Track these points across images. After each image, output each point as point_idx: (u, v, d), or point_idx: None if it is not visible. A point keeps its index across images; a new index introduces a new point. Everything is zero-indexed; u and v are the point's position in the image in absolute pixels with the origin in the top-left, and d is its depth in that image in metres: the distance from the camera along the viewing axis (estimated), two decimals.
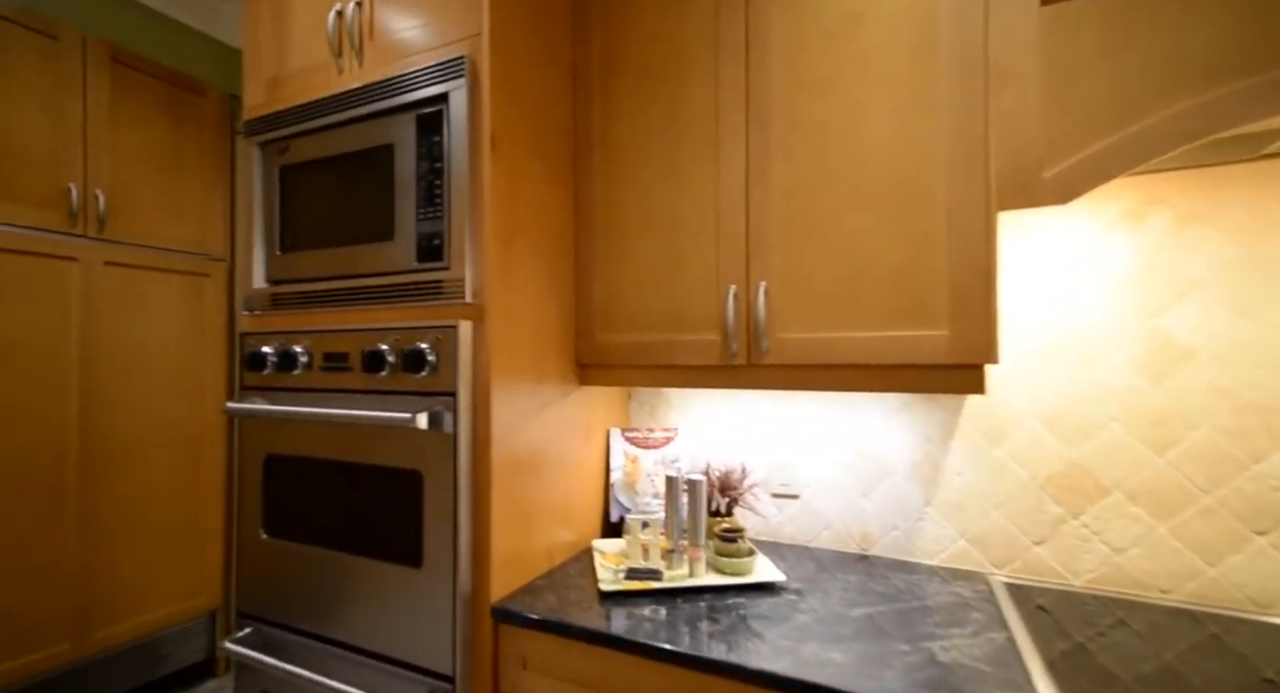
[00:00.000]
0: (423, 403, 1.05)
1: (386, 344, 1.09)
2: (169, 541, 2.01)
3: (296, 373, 1.20)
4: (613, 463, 1.40)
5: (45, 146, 1.73)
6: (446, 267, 1.07)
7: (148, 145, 1.97)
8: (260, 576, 1.25)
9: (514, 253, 1.10)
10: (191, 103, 2.10)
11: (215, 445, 2.16)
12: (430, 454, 1.04)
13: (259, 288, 1.32)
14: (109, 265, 1.86)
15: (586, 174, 1.28)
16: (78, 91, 1.79)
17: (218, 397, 2.17)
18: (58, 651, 1.73)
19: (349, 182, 1.19)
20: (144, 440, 1.94)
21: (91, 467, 1.81)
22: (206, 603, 2.12)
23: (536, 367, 1.16)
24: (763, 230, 1.09)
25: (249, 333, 1.29)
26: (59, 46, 1.75)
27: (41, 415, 1.70)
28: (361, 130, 1.17)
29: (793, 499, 1.35)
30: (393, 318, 1.13)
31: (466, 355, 1.03)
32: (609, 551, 1.24)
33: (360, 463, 1.12)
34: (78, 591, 1.77)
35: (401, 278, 1.11)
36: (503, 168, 1.07)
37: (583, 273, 1.28)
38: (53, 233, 1.74)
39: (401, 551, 1.06)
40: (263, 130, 1.29)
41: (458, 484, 1.01)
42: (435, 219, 1.08)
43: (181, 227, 2.07)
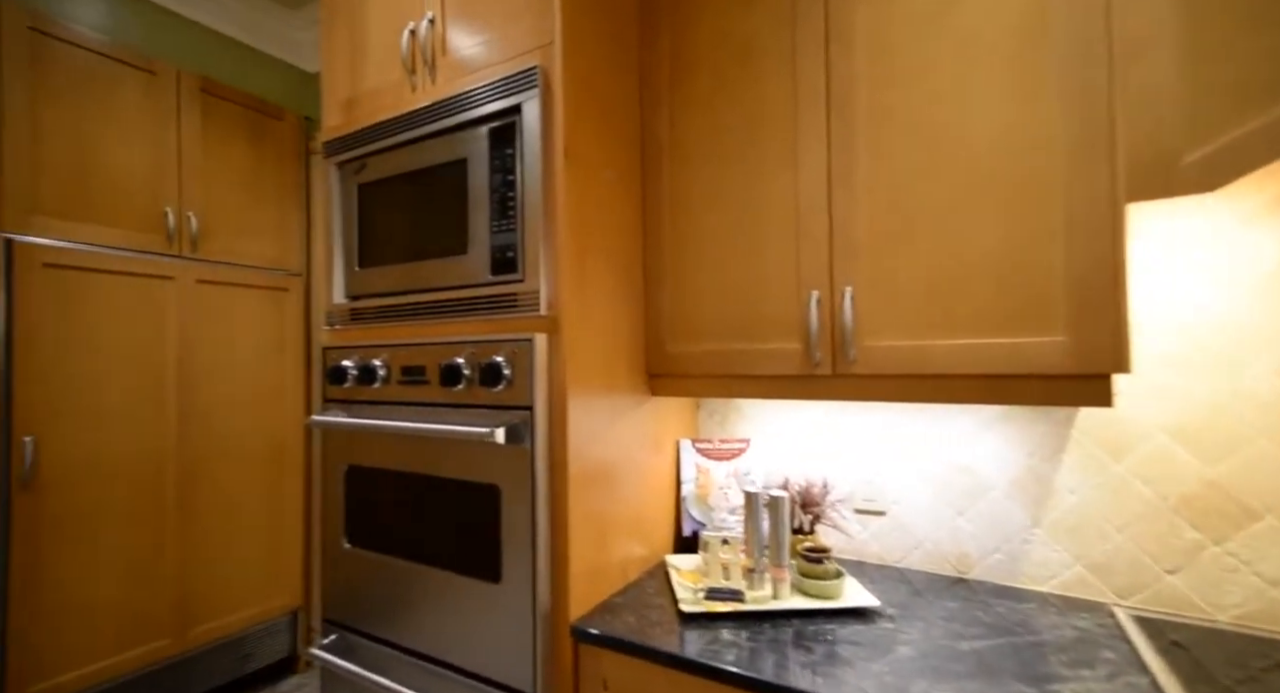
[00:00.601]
0: (499, 417, 1.04)
1: (463, 357, 1.10)
2: (254, 543, 2.12)
3: (376, 386, 1.23)
4: (684, 475, 1.36)
5: (146, 174, 1.86)
6: (520, 279, 1.06)
7: (232, 168, 2.09)
8: (343, 583, 1.28)
9: (587, 264, 1.08)
10: (270, 126, 2.21)
11: (295, 453, 2.26)
12: (507, 469, 1.03)
13: (339, 303, 1.36)
14: (201, 283, 1.98)
15: (655, 180, 1.25)
16: (173, 121, 1.92)
17: (296, 406, 2.27)
18: (160, 645, 1.84)
19: (424, 197, 1.21)
20: (231, 448, 2.06)
21: (187, 472, 1.92)
22: (288, 603, 2.23)
23: (609, 378, 1.13)
24: (847, 232, 1.03)
25: (330, 347, 1.33)
26: (156, 80, 1.88)
27: (146, 424, 1.82)
28: (435, 146, 1.18)
29: (878, 516, 1.27)
30: (468, 331, 1.14)
31: (542, 368, 1.02)
32: (684, 567, 1.20)
33: (438, 476, 1.13)
34: (177, 589, 1.89)
35: (475, 291, 1.11)
36: (575, 178, 1.05)
37: (652, 282, 1.25)
38: (153, 254, 1.86)
39: (480, 565, 1.06)
40: (340, 150, 1.33)
41: (535, 499, 1.00)
42: (508, 231, 1.08)
43: (262, 244, 2.19)
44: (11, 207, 1.58)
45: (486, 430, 0.99)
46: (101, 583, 1.72)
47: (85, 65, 1.73)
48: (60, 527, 1.64)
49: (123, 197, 1.80)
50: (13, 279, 1.57)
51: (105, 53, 1.77)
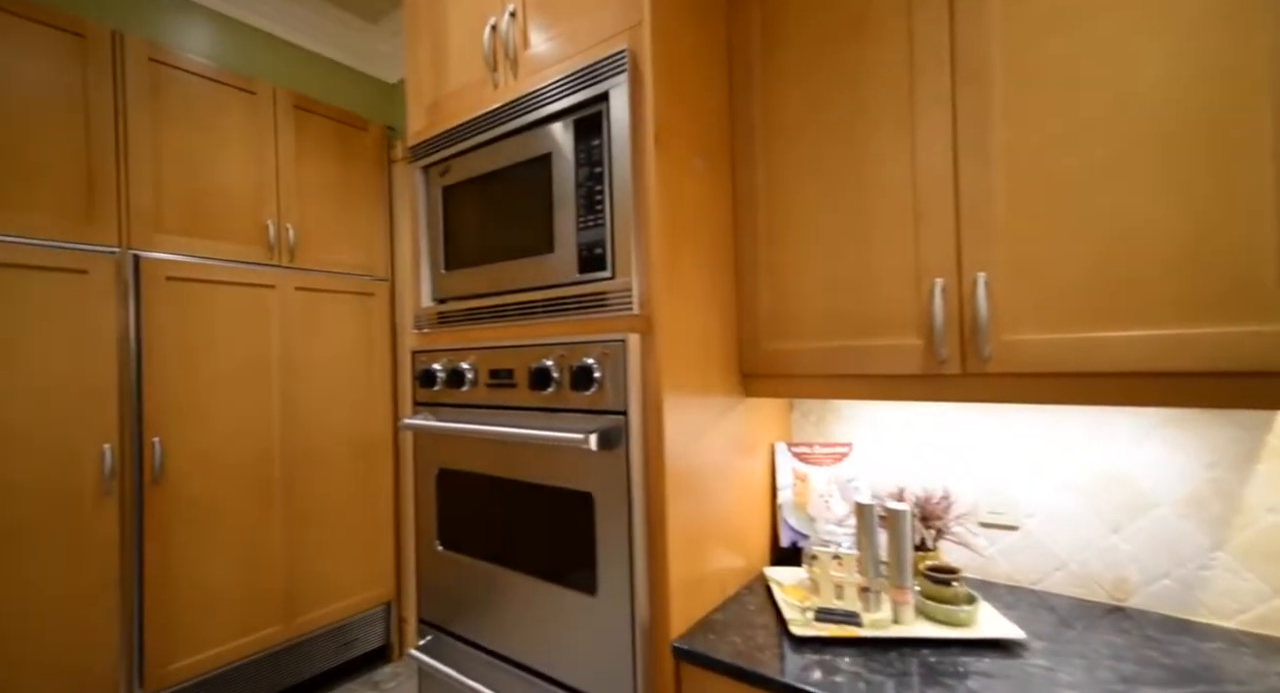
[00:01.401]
0: (591, 422, 1.00)
1: (551, 360, 1.06)
2: (350, 537, 2.22)
3: (464, 389, 1.22)
4: (779, 482, 1.27)
5: (249, 189, 1.97)
6: (610, 276, 1.01)
7: (323, 179, 2.19)
8: (437, 586, 1.29)
9: (680, 258, 1.01)
10: (356, 138, 2.30)
11: (384, 452, 2.35)
12: (601, 476, 0.98)
13: (426, 306, 1.37)
14: (298, 290, 2.09)
15: (746, 164, 1.16)
16: (270, 138, 2.03)
17: (384, 406, 2.36)
18: (272, 631, 1.96)
19: (507, 196, 1.18)
20: (329, 447, 2.16)
21: (290, 469, 2.04)
22: (382, 595, 2.32)
23: (703, 379, 1.06)
24: (979, 209, 0.90)
25: (419, 350, 1.34)
26: (256, 100, 1.99)
27: (254, 424, 1.94)
28: (517, 143, 1.15)
29: (1008, 531, 1.12)
30: (556, 332, 1.10)
31: (635, 370, 0.96)
32: (786, 582, 1.11)
33: (528, 482, 1.10)
34: (285, 579, 2.01)
35: (563, 291, 1.07)
36: (667, 166, 0.98)
37: (745, 275, 1.17)
38: (256, 265, 1.98)
39: (575, 576, 1.02)
40: (425, 154, 1.33)
41: (632, 509, 0.95)
42: (596, 227, 1.03)
43: (351, 251, 2.28)
44: (139, 226, 1.71)
45: (579, 437, 0.94)
46: (221, 572, 1.85)
47: (196, 90, 1.85)
48: (184, 521, 1.77)
49: (230, 212, 1.92)
50: (141, 293, 1.70)
51: (213, 77, 1.89)
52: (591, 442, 0.93)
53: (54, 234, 1.56)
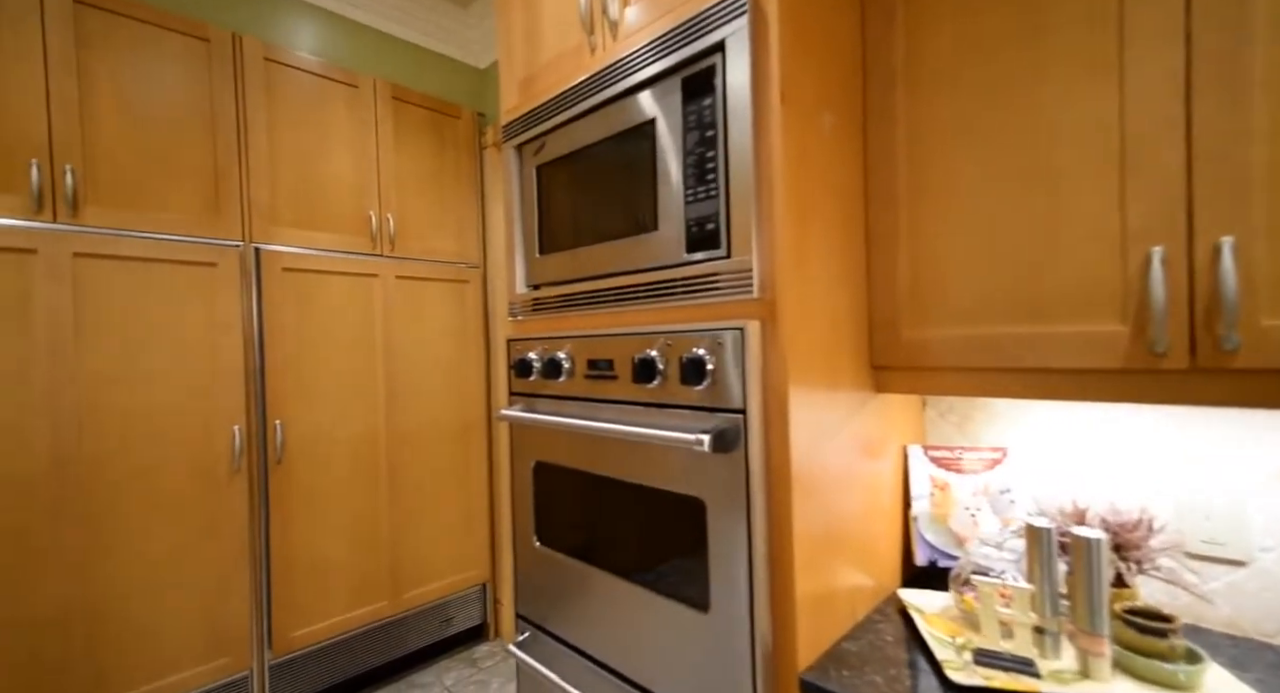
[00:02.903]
0: (704, 420, 0.89)
1: (656, 350, 0.96)
2: (448, 518, 2.29)
3: (561, 380, 1.15)
4: (914, 490, 1.10)
5: (352, 181, 2.03)
6: (724, 254, 0.89)
7: (420, 169, 2.23)
8: (535, 582, 1.25)
9: (807, 232, 0.87)
10: (449, 125, 2.31)
11: (479, 437, 2.39)
12: (714, 480, 0.87)
13: (520, 293, 1.31)
14: (399, 279, 2.14)
15: (883, 119, 0.98)
16: (371, 129, 2.08)
17: (479, 393, 2.40)
18: (380, 606, 2.06)
19: (606, 171, 1.09)
20: (427, 431, 2.22)
21: (394, 451, 2.11)
22: (478, 576, 2.38)
23: (830, 373, 0.92)
24: (1225, 155, 0.68)
25: (515, 339, 1.30)
26: (358, 93, 2.05)
27: (363, 409, 2.03)
28: (617, 111, 1.05)
29: (1232, 566, 0.89)
30: (660, 319, 1.00)
31: (755, 363, 0.83)
32: (928, 610, 0.95)
33: (631, 482, 1.02)
34: (391, 556, 2.09)
35: (669, 273, 0.96)
36: (793, 125, 0.84)
37: (879, 249, 1.00)
38: (361, 255, 2.04)
39: (683, 588, 0.93)
40: (519, 131, 1.27)
41: (751, 519, 0.83)
42: (708, 199, 0.90)
43: (445, 239, 2.31)
44: (259, 220, 1.81)
45: (690, 437, 0.84)
46: (334, 548, 1.95)
47: (305, 86, 1.92)
48: (302, 498, 1.88)
49: (337, 204, 1.99)
50: (262, 284, 1.80)
51: (319, 73, 1.95)
52: (705, 443, 0.83)
53: (188, 230, 1.67)
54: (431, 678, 2.16)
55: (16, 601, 1.40)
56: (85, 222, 1.51)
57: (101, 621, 1.51)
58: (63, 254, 1.47)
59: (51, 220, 1.46)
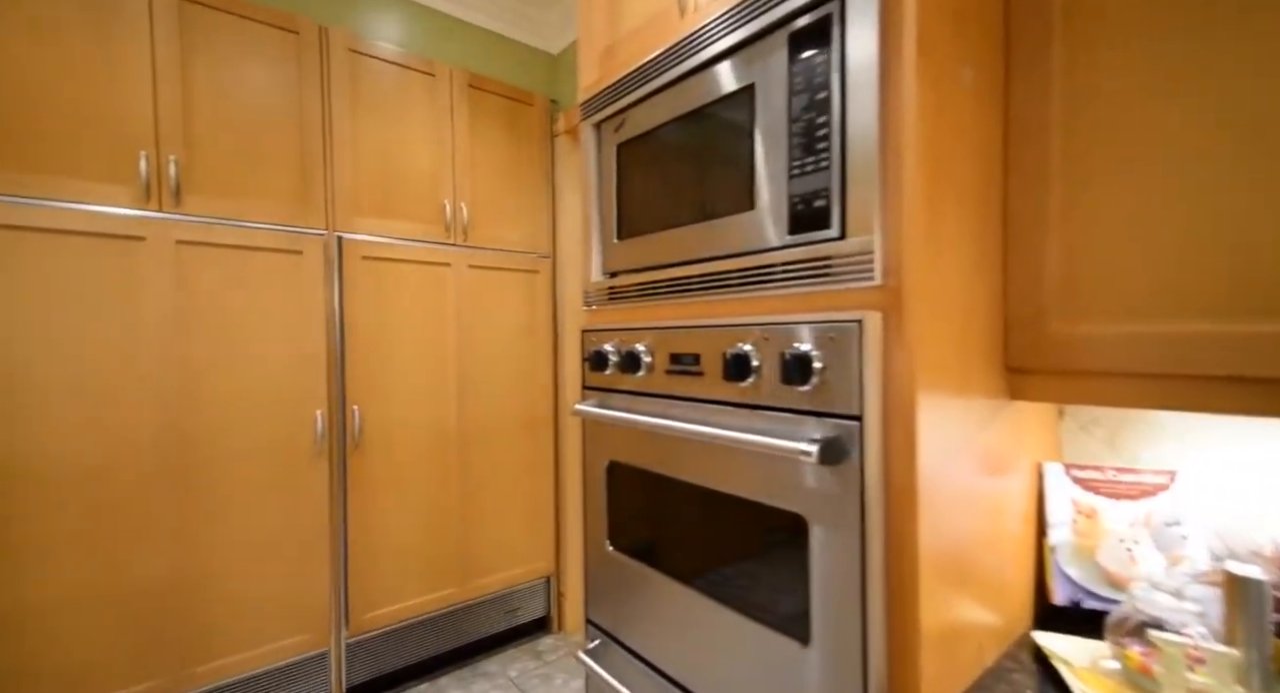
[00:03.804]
0: (809, 426, 0.77)
1: (751, 344, 0.85)
2: (515, 510, 2.28)
3: (640, 375, 1.07)
4: (1052, 515, 0.93)
5: (429, 170, 2.04)
6: (837, 236, 0.77)
7: (493, 157, 2.21)
8: (607, 587, 1.18)
9: (942, 208, 0.73)
10: (522, 112, 2.28)
11: (546, 430, 2.37)
12: (820, 495, 0.76)
13: (596, 281, 1.24)
14: (471, 268, 2.14)
15: (1034, 74, 0.82)
16: (448, 119, 2.08)
17: (547, 385, 2.37)
18: (449, 592, 2.08)
19: (694, 146, 0.99)
20: (497, 421, 2.22)
21: (464, 440, 2.12)
22: (543, 568, 2.37)
23: (962, 375, 0.78)
24: None
25: (590, 329, 1.23)
26: (435, 82, 2.05)
27: (435, 398, 2.04)
28: (709, 78, 0.95)
29: None
30: (756, 310, 0.89)
31: (875, 361, 0.71)
32: (1076, 661, 0.80)
33: (717, 492, 0.92)
34: (460, 544, 2.11)
35: (766, 257, 0.85)
36: (929, 81, 0.70)
37: (1020, 231, 0.84)
38: (435, 244, 2.05)
39: (777, 614, 0.82)
40: (600, 107, 1.19)
41: (866, 541, 0.71)
42: (818, 172, 0.78)
43: (517, 228, 2.29)
44: (341, 209, 1.84)
45: (796, 446, 0.73)
46: (407, 534, 1.98)
47: (386, 77, 1.94)
48: (378, 484, 1.91)
49: (413, 193, 2.01)
50: (344, 272, 1.84)
51: (399, 62, 1.96)
52: (812, 453, 0.71)
53: (277, 219, 1.72)
54: (497, 668, 2.17)
55: (129, 567, 1.49)
56: (186, 210, 1.58)
57: (200, 590, 1.59)
58: (167, 241, 1.55)
59: (158, 209, 1.54)
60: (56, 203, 1.41)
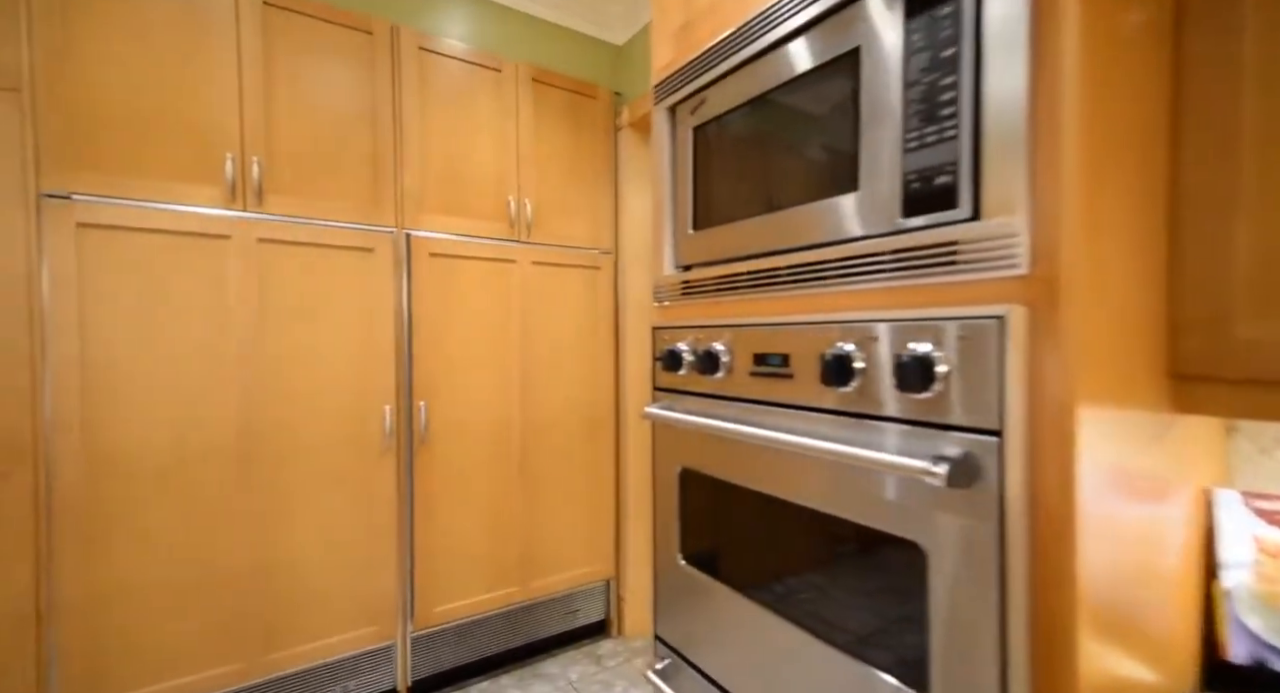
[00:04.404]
0: (929, 440, 0.66)
1: (853, 343, 0.75)
2: (576, 511, 2.24)
3: (718, 376, 0.98)
4: (1225, 553, 0.78)
5: (493, 167, 2.03)
6: (968, 216, 0.65)
7: (556, 152, 2.18)
8: (678, 604, 1.10)
9: (1103, 184, 0.61)
10: (586, 106, 2.24)
11: (608, 430, 2.32)
12: (944, 522, 0.65)
13: (668, 274, 1.16)
14: (535, 265, 2.11)
15: (1220, 11, 0.67)
16: (512, 114, 2.06)
17: (608, 385, 2.32)
18: (510, 592, 2.07)
19: (783, 124, 0.89)
20: (558, 421, 2.19)
21: (528, 440, 2.10)
22: (602, 571, 2.32)
23: (1126, 383, 0.64)
24: None
25: (661, 327, 1.15)
26: (501, 77, 2.03)
27: (499, 395, 2.03)
28: (803, 45, 0.85)
29: None
30: (858, 305, 0.78)
31: (1020, 365, 0.59)
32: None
33: (809, 509, 0.82)
34: (522, 544, 2.09)
35: (873, 244, 0.74)
36: (1089, 27, 0.58)
37: (1199, 210, 0.69)
38: (500, 240, 2.04)
39: (884, 654, 0.71)
40: (675, 88, 1.11)
41: (1007, 580, 0.60)
42: (942, 143, 0.67)
43: (579, 224, 2.25)
44: (410, 207, 1.86)
45: (918, 464, 0.62)
46: (471, 532, 1.98)
47: (453, 74, 1.94)
48: (443, 480, 1.92)
49: (479, 189, 2.00)
50: (412, 269, 1.85)
51: (466, 59, 1.96)
52: (939, 474, 0.60)
53: (350, 216, 1.75)
54: (557, 670, 2.14)
55: (214, 554, 1.55)
56: (267, 210, 1.63)
57: (276, 579, 1.64)
58: (249, 240, 1.60)
59: (242, 208, 1.59)
60: (152, 204, 1.48)
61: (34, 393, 1.36)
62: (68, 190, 1.39)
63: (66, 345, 1.38)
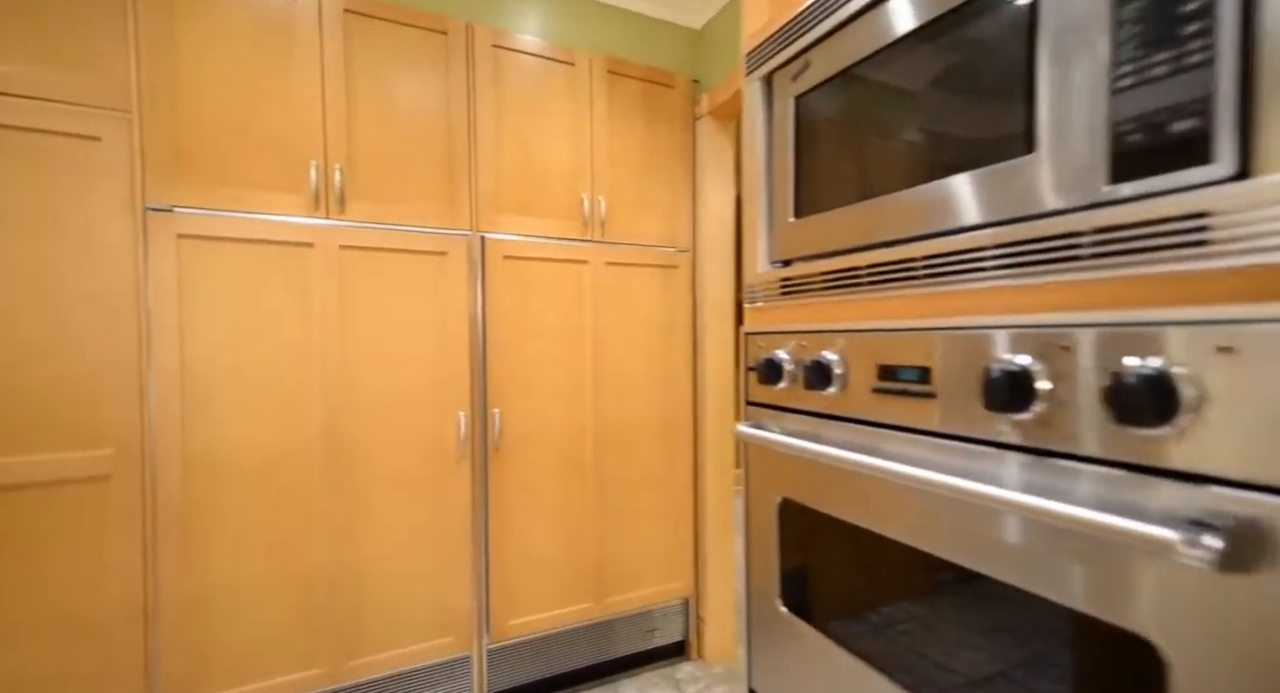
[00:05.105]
0: (1165, 493, 0.47)
1: (1031, 355, 0.56)
2: (651, 524, 2.12)
3: (831, 392, 0.81)
4: None
5: (566, 164, 1.95)
6: (1232, 175, 0.45)
7: (630, 146, 2.07)
8: (777, 655, 0.94)
9: None
10: (663, 96, 2.11)
11: (684, 438, 2.17)
12: (1204, 620, 0.45)
13: (764, 271, 1.01)
14: (608, 265, 2.01)
15: None
16: (586, 108, 1.97)
17: (684, 392, 2.18)
18: (585, 607, 1.98)
19: (915, 79, 0.71)
20: (633, 428, 2.07)
21: (601, 448, 2.00)
22: (680, 589, 2.18)
23: None
24: None
25: (754, 332, 1.00)
26: (574, 71, 1.95)
27: (571, 401, 1.95)
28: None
29: None
30: (1032, 304, 0.59)
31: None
32: None
33: (954, 564, 0.63)
34: (596, 557, 2.00)
35: (1065, 222, 0.55)
36: None
37: None
38: (572, 241, 1.96)
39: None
40: (772, 53, 0.95)
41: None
42: (1181, 73, 0.47)
43: (654, 221, 2.12)
44: (484, 208, 1.81)
45: (1169, 535, 0.43)
46: (545, 543, 1.91)
47: (527, 70, 1.88)
48: (517, 489, 1.86)
49: (552, 189, 1.93)
50: (486, 272, 1.81)
51: (540, 54, 1.89)
52: (1209, 547, 0.41)
53: (426, 221, 1.73)
54: (634, 691, 2.03)
55: (298, 558, 1.57)
56: (349, 216, 1.63)
57: (357, 586, 1.64)
58: (331, 247, 1.60)
59: (324, 216, 1.60)
60: (243, 214, 1.51)
61: (141, 398, 1.42)
62: (170, 203, 1.44)
63: (168, 353, 1.44)
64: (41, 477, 1.33)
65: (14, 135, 1.31)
